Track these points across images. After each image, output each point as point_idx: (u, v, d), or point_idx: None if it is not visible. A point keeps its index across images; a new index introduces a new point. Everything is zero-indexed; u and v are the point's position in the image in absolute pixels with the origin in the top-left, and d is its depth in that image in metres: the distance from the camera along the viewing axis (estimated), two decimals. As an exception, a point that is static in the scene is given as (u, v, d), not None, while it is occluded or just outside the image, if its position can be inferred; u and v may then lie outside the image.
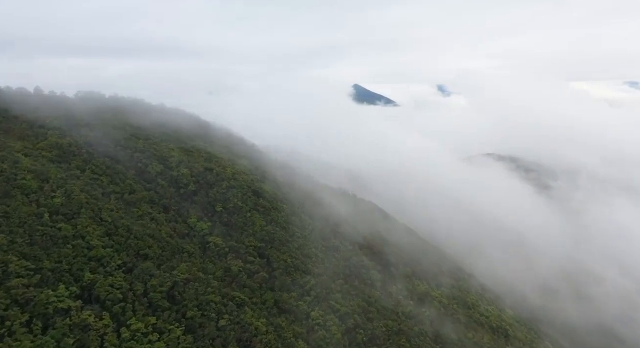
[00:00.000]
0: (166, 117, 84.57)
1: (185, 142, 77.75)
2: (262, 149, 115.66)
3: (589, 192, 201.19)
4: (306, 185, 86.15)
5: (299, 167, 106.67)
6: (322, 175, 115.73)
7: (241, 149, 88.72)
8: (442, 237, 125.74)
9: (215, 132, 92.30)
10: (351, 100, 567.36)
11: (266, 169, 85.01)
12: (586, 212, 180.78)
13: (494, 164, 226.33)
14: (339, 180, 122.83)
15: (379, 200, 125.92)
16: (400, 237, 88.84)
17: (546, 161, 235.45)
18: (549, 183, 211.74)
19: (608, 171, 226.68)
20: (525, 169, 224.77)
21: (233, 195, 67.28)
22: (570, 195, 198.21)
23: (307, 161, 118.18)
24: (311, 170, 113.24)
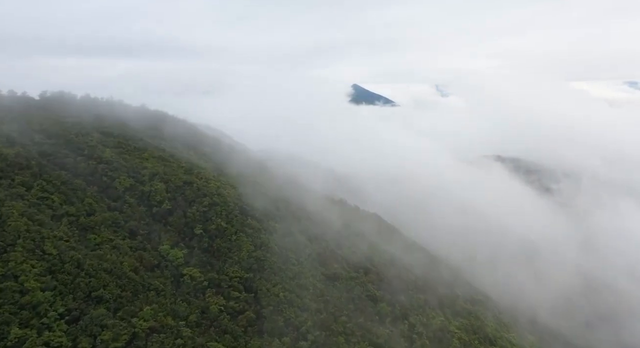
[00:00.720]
0: (145, 122, 73.39)
1: (164, 149, 66.42)
2: (256, 153, 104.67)
3: (592, 195, 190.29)
4: (303, 196, 74.93)
5: (295, 174, 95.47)
6: (320, 182, 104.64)
7: (231, 158, 77.32)
8: (445, 245, 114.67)
9: (202, 138, 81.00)
10: (350, 100, 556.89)
11: (257, 179, 73.82)
12: (592, 218, 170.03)
13: (495, 166, 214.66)
14: (337, 187, 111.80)
15: (379, 206, 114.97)
16: (408, 255, 77.74)
17: (547, 163, 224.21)
18: (550, 186, 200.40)
19: (610, 173, 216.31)
20: (526, 170, 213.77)
21: (216, 213, 55.99)
22: (574, 199, 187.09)
23: (304, 166, 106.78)
24: (308, 176, 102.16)
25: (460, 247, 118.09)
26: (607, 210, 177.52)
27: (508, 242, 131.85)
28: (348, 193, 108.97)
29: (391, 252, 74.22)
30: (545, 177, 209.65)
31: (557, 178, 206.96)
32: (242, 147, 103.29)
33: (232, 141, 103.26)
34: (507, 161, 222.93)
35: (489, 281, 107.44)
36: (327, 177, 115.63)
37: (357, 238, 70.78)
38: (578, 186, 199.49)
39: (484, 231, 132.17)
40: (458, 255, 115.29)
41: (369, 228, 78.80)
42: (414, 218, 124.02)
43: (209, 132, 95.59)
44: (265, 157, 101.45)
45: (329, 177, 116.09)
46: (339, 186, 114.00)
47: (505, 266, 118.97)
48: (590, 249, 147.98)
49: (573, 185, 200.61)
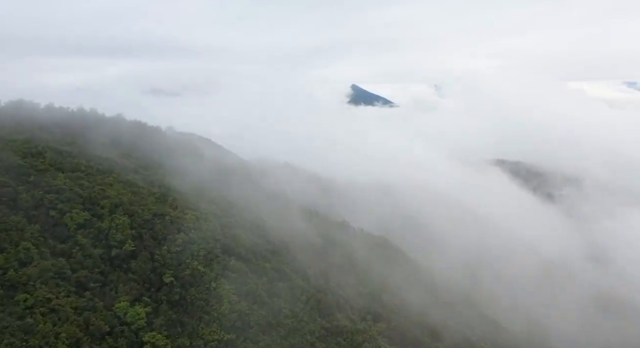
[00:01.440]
0: (117, 136, 62.06)
1: (135, 170, 55.18)
2: (249, 165, 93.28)
3: (597, 203, 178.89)
4: (300, 221, 63.74)
5: (291, 190, 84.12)
6: (318, 197, 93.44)
7: (217, 176, 65.81)
8: (447, 263, 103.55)
9: (185, 154, 69.34)
10: (349, 101, 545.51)
11: (247, 202, 62.49)
12: (599, 227, 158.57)
13: (496, 172, 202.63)
14: (335, 201, 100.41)
15: (377, 220, 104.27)
16: (418, 288, 66.58)
17: (548, 166, 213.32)
18: (553, 193, 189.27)
19: (614, 178, 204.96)
20: (527, 175, 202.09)
21: (192, 254, 44.78)
22: (579, 207, 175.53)
23: (300, 179, 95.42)
24: (305, 191, 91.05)
25: (464, 263, 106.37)
26: (615, 219, 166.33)
27: (515, 258, 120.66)
28: (345, 208, 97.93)
29: (401, 286, 63.02)
30: (546, 183, 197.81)
31: (559, 184, 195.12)
32: (233, 158, 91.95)
33: (222, 152, 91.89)
34: (506, 165, 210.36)
35: (499, 306, 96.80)
36: (326, 190, 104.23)
37: (363, 272, 59.61)
38: (581, 192, 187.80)
39: (489, 245, 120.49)
40: (462, 274, 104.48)
41: (375, 256, 67.52)
42: (414, 232, 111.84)
43: (196, 144, 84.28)
44: (259, 170, 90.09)
45: (327, 191, 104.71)
46: (337, 199, 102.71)
47: (514, 286, 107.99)
48: (603, 263, 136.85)
49: (576, 192, 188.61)
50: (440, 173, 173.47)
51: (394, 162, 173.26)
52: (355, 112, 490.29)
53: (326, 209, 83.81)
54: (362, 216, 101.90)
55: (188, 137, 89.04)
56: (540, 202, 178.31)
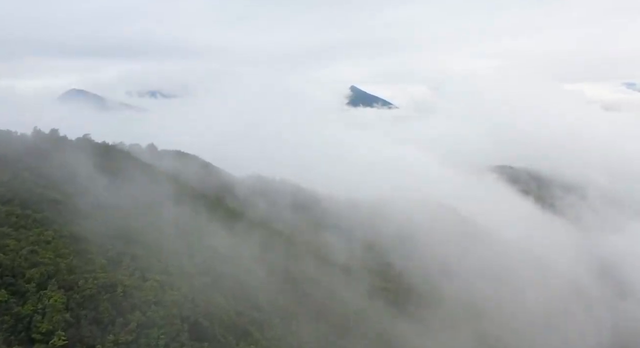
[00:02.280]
0: (75, 168, 48.88)
1: (89, 214, 42.55)
2: (240, 184, 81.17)
3: (602, 214, 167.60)
4: (297, 271, 51.48)
5: (285, 216, 71.88)
6: (316, 219, 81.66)
7: (199, 214, 53.06)
8: (458, 285, 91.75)
9: (159, 183, 56.43)
10: (348, 102, 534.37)
11: (234, 246, 50.20)
12: (606, 241, 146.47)
13: (499, 180, 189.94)
14: (337, 220, 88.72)
15: (381, 234, 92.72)
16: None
17: (550, 174, 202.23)
18: (555, 202, 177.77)
19: (616, 187, 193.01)
20: (530, 183, 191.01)
21: (149, 344, 32.96)
22: (585, 218, 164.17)
23: (300, 206, 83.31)
24: (299, 211, 79.40)
25: (467, 292, 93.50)
26: (623, 232, 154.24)
27: (522, 274, 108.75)
28: (344, 230, 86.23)
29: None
30: (548, 191, 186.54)
31: (561, 193, 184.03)
32: (222, 178, 79.64)
33: (210, 172, 79.55)
34: (507, 171, 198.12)
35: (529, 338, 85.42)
36: (330, 207, 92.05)
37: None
38: (585, 201, 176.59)
39: (493, 269, 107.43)
40: (480, 295, 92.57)
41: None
42: (413, 254, 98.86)
43: (180, 166, 72.03)
44: (250, 191, 77.92)
45: (331, 207, 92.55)
46: (345, 219, 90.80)
47: (525, 321, 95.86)
48: (616, 284, 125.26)
49: (579, 200, 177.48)
50: (437, 181, 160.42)
51: (393, 173, 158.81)
52: (354, 113, 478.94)
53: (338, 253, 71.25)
54: (360, 231, 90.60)
55: (171, 155, 76.85)
56: (544, 212, 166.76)
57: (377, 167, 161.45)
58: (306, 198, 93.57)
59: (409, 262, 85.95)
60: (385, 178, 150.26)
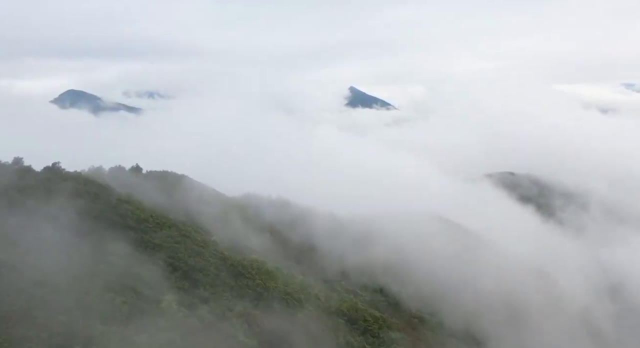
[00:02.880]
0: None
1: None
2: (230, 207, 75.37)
3: (605, 224, 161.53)
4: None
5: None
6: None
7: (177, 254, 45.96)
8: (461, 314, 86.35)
9: (140, 215, 50.05)
10: (346, 103, 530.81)
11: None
12: (613, 257, 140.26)
13: (498, 188, 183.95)
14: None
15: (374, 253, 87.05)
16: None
17: (549, 181, 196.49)
18: (556, 213, 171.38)
19: (618, 197, 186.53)
20: (529, 191, 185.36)
21: None
22: (588, 230, 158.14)
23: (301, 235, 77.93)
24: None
25: (471, 321, 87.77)
26: (629, 246, 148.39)
27: (532, 308, 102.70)
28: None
29: None
30: (549, 200, 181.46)
31: (561, 201, 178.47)
32: (216, 202, 74.04)
33: (201, 195, 74.02)
34: (504, 178, 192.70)
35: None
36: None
37: None
38: (586, 212, 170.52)
39: (499, 293, 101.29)
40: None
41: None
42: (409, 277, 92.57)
43: (167, 189, 66.65)
44: (243, 216, 72.70)
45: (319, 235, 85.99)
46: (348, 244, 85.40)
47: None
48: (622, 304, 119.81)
49: (581, 211, 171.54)
50: (436, 192, 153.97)
51: (389, 184, 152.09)
52: (353, 115, 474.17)
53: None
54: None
55: (158, 177, 71.62)
56: (548, 223, 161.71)
57: (372, 178, 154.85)
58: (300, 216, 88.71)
59: (405, 286, 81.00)
60: (381, 189, 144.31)
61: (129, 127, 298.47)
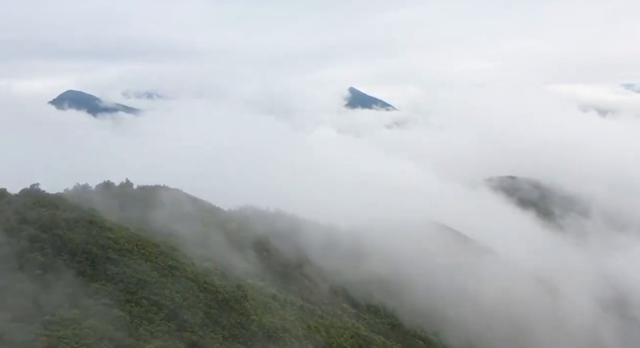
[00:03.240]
0: None
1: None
2: (224, 220, 71.81)
3: (606, 231, 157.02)
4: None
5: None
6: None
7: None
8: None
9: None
10: (346, 104, 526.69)
11: None
12: (617, 267, 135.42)
13: (497, 193, 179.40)
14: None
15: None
16: None
17: (549, 185, 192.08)
18: (557, 219, 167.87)
19: (618, 203, 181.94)
20: (529, 196, 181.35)
21: None
22: (589, 237, 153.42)
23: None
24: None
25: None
26: (632, 253, 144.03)
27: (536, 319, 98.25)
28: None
29: None
30: (548, 205, 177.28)
31: (562, 207, 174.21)
32: (210, 220, 70.44)
33: (186, 211, 70.50)
34: (501, 183, 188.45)
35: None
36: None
37: None
38: (588, 218, 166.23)
39: (502, 307, 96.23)
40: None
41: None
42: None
43: (157, 204, 63.22)
44: (234, 232, 69.24)
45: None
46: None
47: None
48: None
49: (582, 217, 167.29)
50: (435, 198, 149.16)
51: (387, 190, 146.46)
52: (352, 116, 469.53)
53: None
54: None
55: (149, 192, 68.24)
56: (550, 229, 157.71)
57: (370, 184, 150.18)
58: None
59: (404, 302, 77.65)
60: (379, 196, 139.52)
61: (125, 129, 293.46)
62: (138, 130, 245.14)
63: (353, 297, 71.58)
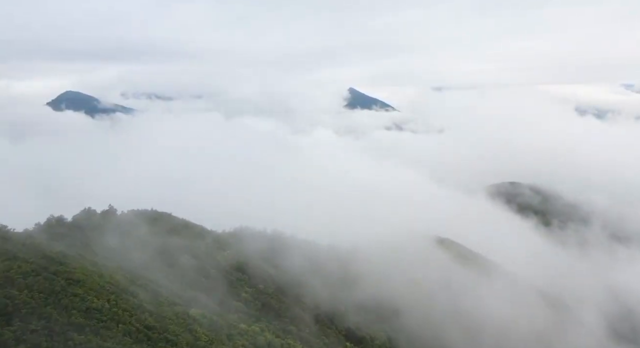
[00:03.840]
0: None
1: None
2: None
3: (609, 242, 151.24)
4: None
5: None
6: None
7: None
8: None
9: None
10: (346, 105, 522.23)
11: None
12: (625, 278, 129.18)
13: (496, 202, 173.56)
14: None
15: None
16: None
17: (550, 191, 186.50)
18: (558, 229, 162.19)
19: (618, 209, 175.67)
20: (529, 204, 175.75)
21: None
22: (592, 248, 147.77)
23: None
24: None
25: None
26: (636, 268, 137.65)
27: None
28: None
29: None
30: (549, 211, 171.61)
31: (564, 215, 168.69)
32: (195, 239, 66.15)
33: (189, 234, 66.13)
34: (505, 189, 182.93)
35: None
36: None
37: None
38: (589, 228, 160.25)
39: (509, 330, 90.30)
40: None
41: None
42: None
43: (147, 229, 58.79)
44: (235, 268, 64.56)
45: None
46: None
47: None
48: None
49: (584, 226, 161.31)
50: (433, 208, 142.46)
51: (385, 201, 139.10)
52: (351, 117, 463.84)
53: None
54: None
55: (133, 218, 63.82)
56: (547, 238, 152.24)
57: (364, 195, 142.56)
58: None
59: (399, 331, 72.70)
60: (375, 207, 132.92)
61: (120, 134, 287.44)
62: (131, 136, 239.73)
63: (344, 322, 66.92)
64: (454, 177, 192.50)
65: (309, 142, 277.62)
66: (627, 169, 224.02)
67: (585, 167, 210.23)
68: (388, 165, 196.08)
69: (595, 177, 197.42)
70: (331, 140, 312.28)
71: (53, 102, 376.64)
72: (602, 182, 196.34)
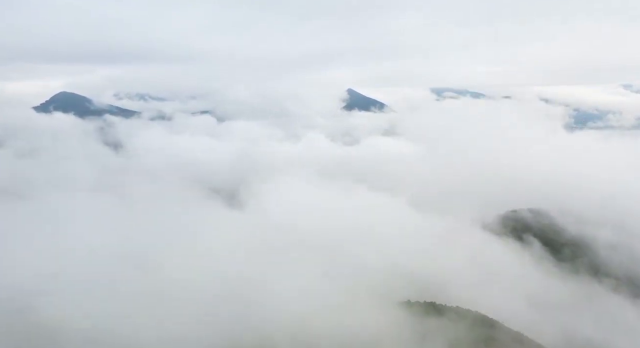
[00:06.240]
0: None
1: None
2: None
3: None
4: None
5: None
6: None
7: None
8: None
9: None
10: (344, 106, 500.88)
11: None
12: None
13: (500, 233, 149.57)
14: None
15: None
16: None
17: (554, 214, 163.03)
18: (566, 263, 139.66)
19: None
20: (533, 235, 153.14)
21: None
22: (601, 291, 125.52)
23: None
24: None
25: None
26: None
27: None
28: None
29: None
30: (553, 239, 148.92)
31: (570, 248, 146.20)
32: None
33: None
34: (510, 219, 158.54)
35: None
36: None
37: None
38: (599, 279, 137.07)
39: None
40: None
41: None
42: None
43: None
44: None
45: None
46: None
47: None
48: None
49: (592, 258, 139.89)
50: (432, 254, 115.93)
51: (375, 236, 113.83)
52: (348, 119, 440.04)
53: None
54: None
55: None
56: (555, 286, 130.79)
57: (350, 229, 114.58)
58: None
59: None
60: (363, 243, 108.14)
61: (114, 133, 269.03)
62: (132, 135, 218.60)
63: None
64: (449, 205, 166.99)
65: (297, 150, 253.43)
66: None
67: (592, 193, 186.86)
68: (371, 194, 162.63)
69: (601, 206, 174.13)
70: (323, 148, 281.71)
71: (46, 103, 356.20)
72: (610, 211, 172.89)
